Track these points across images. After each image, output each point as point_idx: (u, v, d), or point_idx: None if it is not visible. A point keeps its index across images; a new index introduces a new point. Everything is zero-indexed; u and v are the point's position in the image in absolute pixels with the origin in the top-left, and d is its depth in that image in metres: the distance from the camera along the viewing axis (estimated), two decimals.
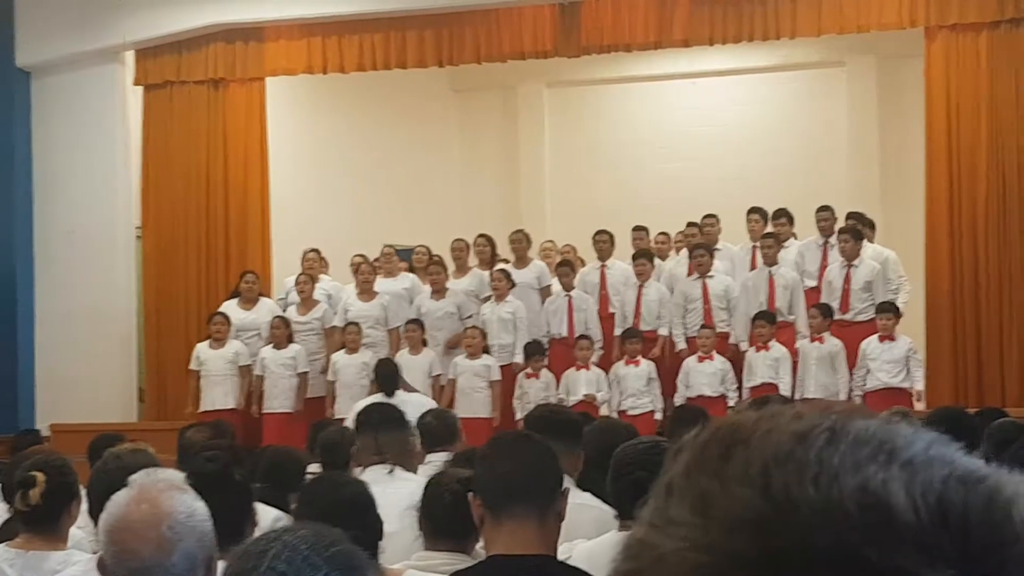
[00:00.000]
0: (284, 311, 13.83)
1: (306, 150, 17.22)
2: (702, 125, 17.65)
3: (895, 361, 12.11)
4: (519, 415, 12.39)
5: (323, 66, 15.03)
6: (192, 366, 13.64)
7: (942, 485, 0.74)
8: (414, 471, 6.14)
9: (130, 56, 15.42)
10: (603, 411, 12.44)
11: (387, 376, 11.37)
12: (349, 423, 7.65)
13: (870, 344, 12.18)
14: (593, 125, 18.32)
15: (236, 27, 14.96)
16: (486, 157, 18.64)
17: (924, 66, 13.56)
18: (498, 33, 14.56)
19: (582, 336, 12.96)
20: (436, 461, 6.24)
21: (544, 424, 5.43)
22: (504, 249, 14.30)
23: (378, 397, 10.83)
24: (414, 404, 8.84)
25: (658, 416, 12.50)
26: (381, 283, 13.80)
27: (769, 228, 13.44)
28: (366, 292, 13.62)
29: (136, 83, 15.44)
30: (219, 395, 13.37)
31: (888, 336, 12.13)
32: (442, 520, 4.35)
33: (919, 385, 12.21)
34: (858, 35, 14.61)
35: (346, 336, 13.20)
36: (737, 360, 12.62)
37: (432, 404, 9.83)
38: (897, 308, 12.35)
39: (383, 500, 4.35)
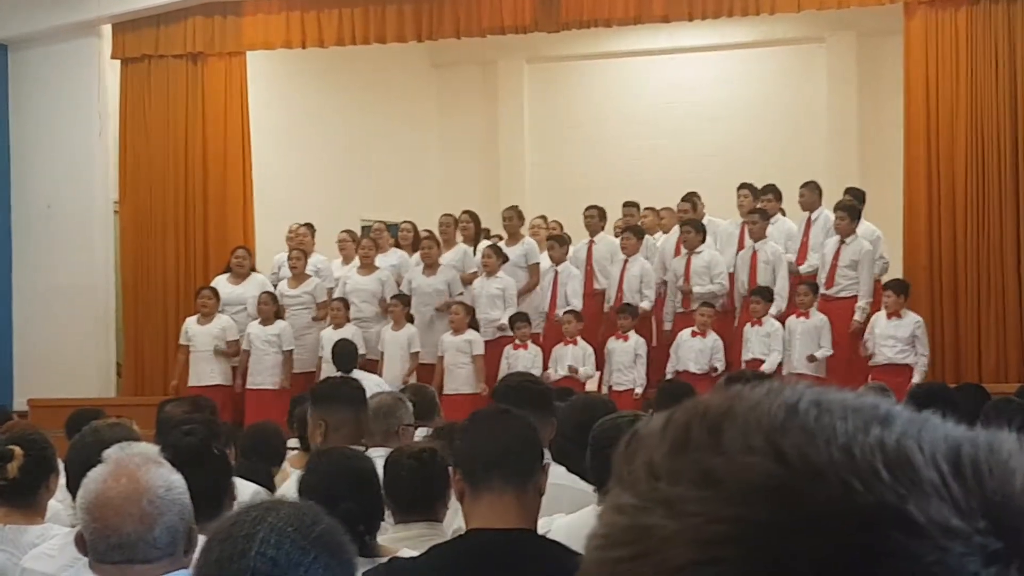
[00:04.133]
0: (275, 286, 13.76)
1: (285, 126, 17.14)
2: (681, 101, 17.64)
3: (901, 338, 12.11)
4: None
5: (302, 40, 14.96)
6: (181, 341, 13.55)
7: (946, 443, 0.74)
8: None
9: (108, 29, 15.33)
10: (589, 387, 12.41)
11: (343, 355, 11.58)
12: None
13: (879, 320, 12.19)
14: (572, 101, 18.30)
15: (215, 1, 14.88)
16: (466, 132, 18.60)
17: (903, 42, 13.56)
18: (477, 8, 14.51)
19: (569, 311, 12.93)
20: (415, 436, 6.24)
21: (513, 394, 5.40)
22: (493, 224, 14.26)
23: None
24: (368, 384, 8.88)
25: (638, 391, 12.49)
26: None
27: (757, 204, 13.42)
28: (367, 266, 13.60)
29: (114, 56, 15.34)
30: (205, 371, 13.29)
31: (895, 313, 12.14)
32: (400, 491, 4.37)
33: (923, 363, 12.16)
34: (838, 11, 14.62)
35: (331, 311, 13.17)
36: (729, 336, 12.63)
37: (386, 387, 9.76)
38: (907, 287, 12.38)
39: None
